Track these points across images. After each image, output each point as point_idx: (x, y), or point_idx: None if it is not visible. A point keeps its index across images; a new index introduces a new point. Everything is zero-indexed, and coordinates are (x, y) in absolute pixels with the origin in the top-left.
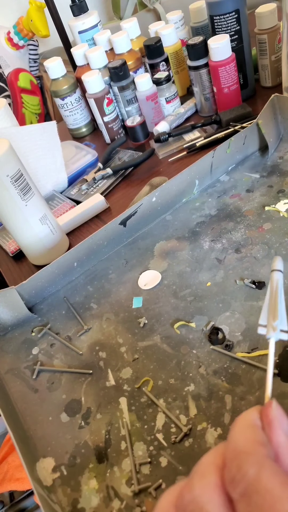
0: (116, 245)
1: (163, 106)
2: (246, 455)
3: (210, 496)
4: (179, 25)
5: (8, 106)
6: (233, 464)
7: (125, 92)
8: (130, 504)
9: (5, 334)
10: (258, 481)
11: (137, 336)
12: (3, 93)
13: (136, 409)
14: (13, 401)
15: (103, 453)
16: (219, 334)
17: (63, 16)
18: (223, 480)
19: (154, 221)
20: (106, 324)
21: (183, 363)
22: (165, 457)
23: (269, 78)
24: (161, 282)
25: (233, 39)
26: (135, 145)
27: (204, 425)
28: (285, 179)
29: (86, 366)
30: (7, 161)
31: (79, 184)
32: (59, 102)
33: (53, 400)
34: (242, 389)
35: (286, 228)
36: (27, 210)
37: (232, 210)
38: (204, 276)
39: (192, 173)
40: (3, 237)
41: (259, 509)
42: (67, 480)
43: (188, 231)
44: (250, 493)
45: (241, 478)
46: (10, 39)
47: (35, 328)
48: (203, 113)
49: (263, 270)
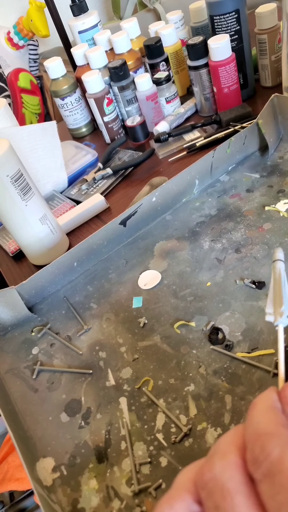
0: (116, 245)
1: (163, 106)
2: (270, 436)
3: (232, 474)
4: (179, 25)
5: (8, 106)
6: (256, 445)
7: (125, 92)
8: (130, 504)
9: (5, 334)
10: (282, 461)
11: (137, 336)
12: (3, 93)
13: (136, 409)
14: (13, 401)
15: (103, 453)
16: (219, 334)
17: (63, 16)
18: (244, 460)
19: (154, 221)
20: (106, 324)
21: (183, 363)
22: (165, 457)
23: (269, 78)
24: (161, 282)
25: (233, 39)
26: (135, 145)
27: (204, 425)
28: (285, 179)
29: (86, 366)
30: (7, 161)
31: (79, 184)
32: (59, 102)
33: (53, 400)
34: (242, 389)
35: (286, 228)
36: (27, 210)
37: (232, 210)
38: (204, 276)
39: (192, 173)
40: (3, 237)
41: (283, 489)
42: (67, 480)
43: (188, 231)
44: (274, 473)
45: (264, 459)
46: (10, 39)
47: (35, 328)
48: (203, 113)
49: (263, 270)
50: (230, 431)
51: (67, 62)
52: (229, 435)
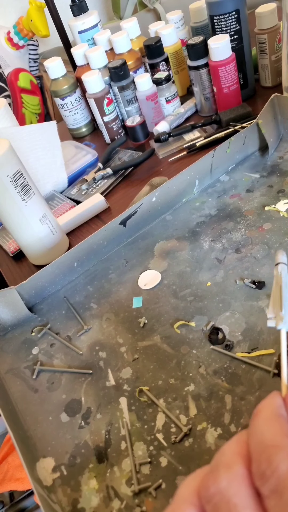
0: (116, 245)
1: (163, 106)
2: (276, 449)
3: (238, 488)
4: (179, 25)
5: (8, 106)
6: (262, 458)
7: (125, 92)
8: (130, 504)
9: (5, 334)
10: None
11: (137, 336)
12: (3, 93)
13: (136, 409)
14: (13, 401)
15: (103, 453)
16: (219, 334)
17: (63, 16)
18: (250, 471)
19: (154, 221)
20: (106, 324)
21: (183, 363)
22: (165, 457)
23: (269, 78)
24: (161, 282)
25: (233, 39)
26: (135, 145)
27: (204, 425)
28: (285, 179)
29: (86, 366)
30: (7, 161)
31: (79, 184)
32: (59, 102)
33: (53, 400)
34: (242, 389)
35: (286, 228)
36: (27, 210)
37: (232, 210)
38: (204, 276)
39: (192, 173)
40: (3, 237)
41: None
42: (67, 480)
43: (188, 231)
44: (282, 490)
45: (272, 474)
46: (10, 39)
47: (35, 328)
48: (203, 113)
49: (263, 270)
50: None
51: (67, 62)
52: (232, 443)
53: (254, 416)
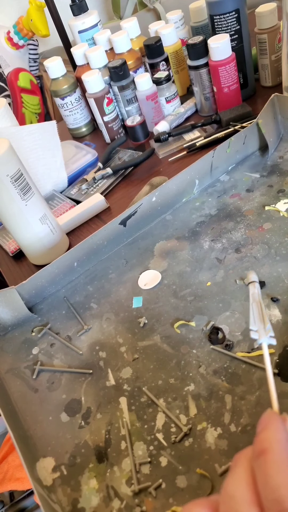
0: (116, 245)
1: (163, 106)
2: None
3: None
4: (179, 25)
5: (8, 106)
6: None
7: (125, 92)
8: (130, 504)
9: (5, 334)
10: None
11: (137, 335)
12: (3, 92)
13: (136, 408)
14: (13, 401)
15: (103, 453)
16: (219, 333)
17: (63, 16)
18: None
19: (154, 221)
20: (106, 324)
21: (183, 362)
22: (165, 456)
23: (269, 77)
24: (161, 282)
25: (233, 38)
26: (135, 145)
27: (204, 424)
28: (285, 179)
29: (86, 366)
30: (7, 161)
31: (79, 184)
32: (59, 102)
33: (53, 400)
34: (242, 389)
35: (286, 228)
36: (27, 210)
37: (232, 210)
38: (204, 276)
39: (192, 173)
40: (3, 237)
41: None
42: (67, 479)
43: (188, 231)
44: None
45: None
46: (10, 39)
47: (35, 328)
48: (203, 112)
49: (263, 270)
50: (241, 474)
51: (67, 62)
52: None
53: (261, 453)
